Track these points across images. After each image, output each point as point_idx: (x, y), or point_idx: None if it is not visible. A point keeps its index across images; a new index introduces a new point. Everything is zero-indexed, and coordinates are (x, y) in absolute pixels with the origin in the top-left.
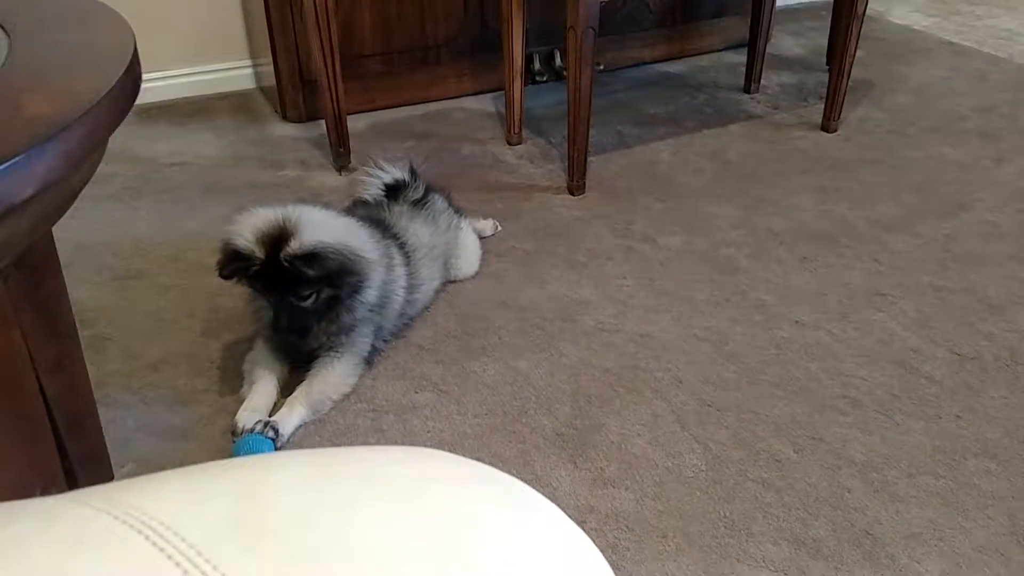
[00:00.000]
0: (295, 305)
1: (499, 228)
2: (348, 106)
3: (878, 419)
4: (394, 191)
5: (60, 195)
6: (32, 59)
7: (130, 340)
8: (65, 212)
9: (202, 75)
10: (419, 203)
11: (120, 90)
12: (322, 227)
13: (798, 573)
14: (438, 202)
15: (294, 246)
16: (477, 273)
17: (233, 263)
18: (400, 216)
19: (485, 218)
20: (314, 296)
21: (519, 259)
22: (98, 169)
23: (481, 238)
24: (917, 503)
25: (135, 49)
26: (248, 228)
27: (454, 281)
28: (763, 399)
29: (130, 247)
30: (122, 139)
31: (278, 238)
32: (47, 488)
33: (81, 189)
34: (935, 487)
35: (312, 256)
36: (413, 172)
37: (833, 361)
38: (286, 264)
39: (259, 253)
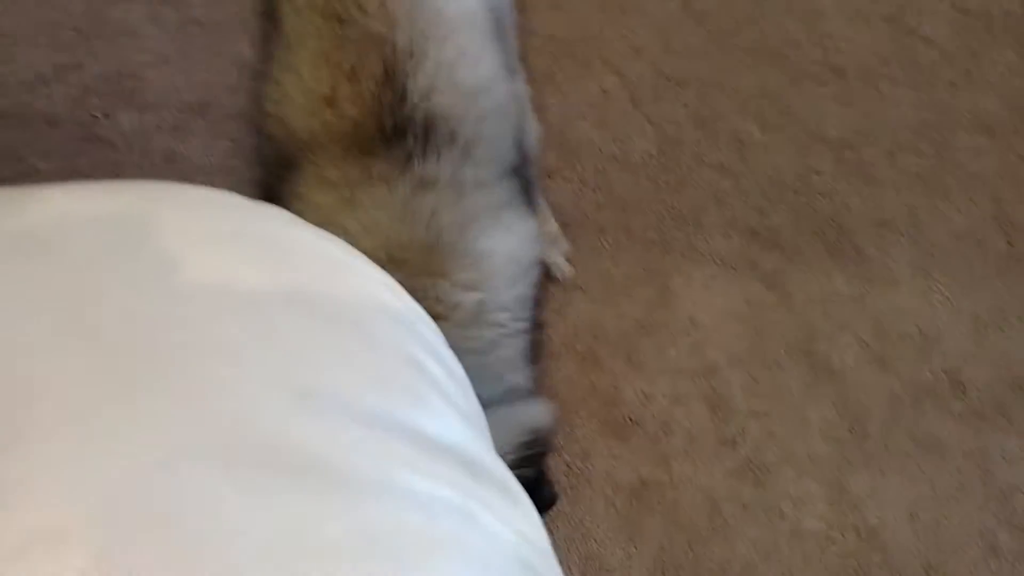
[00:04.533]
0: None
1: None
2: None
3: (861, 89)
4: None
5: None
6: None
7: None
8: None
9: None
10: None
11: None
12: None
13: (748, 267)
14: None
15: None
16: None
17: None
18: None
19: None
20: None
21: None
22: None
23: None
24: (894, 186)
25: None
26: None
27: None
28: (731, 69)
29: None
30: None
31: None
32: None
33: None
34: (917, 167)
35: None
36: None
37: (817, 20)
38: None
39: None
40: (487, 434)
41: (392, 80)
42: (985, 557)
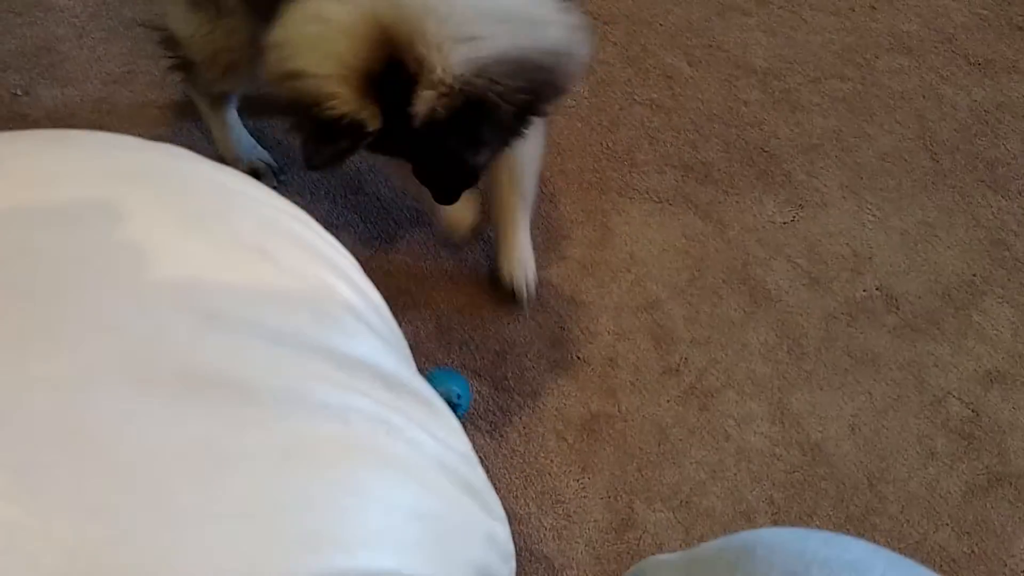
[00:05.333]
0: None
1: None
2: None
3: (785, 17)
4: None
5: None
6: None
7: None
8: None
9: None
10: None
11: None
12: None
13: (683, 201)
14: None
15: (441, 77)
16: None
17: (333, 143)
18: None
19: None
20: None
21: None
22: None
23: None
24: (820, 111)
25: None
26: (331, 61)
27: None
28: (658, 4)
29: None
30: None
31: (400, 75)
32: None
33: None
34: (841, 91)
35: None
36: None
37: None
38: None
39: (371, 121)
40: (407, 353)
41: None
42: (924, 462)
